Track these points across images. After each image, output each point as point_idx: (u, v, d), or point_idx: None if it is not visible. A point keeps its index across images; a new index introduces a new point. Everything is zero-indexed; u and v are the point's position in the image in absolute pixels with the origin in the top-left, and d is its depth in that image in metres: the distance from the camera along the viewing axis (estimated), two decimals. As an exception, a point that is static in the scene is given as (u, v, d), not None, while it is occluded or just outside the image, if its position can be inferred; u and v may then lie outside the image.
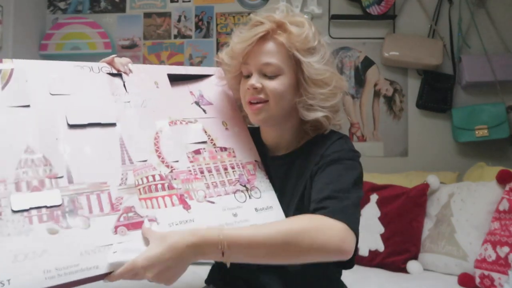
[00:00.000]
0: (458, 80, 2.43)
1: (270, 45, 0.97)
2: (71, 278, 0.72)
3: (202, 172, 0.93)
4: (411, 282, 1.67)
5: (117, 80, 0.95)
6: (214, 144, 0.99)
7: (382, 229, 1.90)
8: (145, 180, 0.86)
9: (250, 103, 0.99)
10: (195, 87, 1.07)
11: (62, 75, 0.92)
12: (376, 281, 1.68)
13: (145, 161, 0.88)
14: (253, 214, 0.93)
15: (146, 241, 0.80)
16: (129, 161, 0.87)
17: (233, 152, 1.01)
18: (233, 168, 0.98)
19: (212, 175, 0.94)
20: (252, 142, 1.07)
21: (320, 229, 0.80)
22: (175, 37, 2.64)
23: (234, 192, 0.95)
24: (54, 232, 0.74)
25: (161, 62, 2.63)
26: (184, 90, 1.05)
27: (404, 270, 1.82)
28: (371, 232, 1.90)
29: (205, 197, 0.90)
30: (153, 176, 0.87)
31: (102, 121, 0.88)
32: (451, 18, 2.46)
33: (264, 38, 0.97)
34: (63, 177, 0.79)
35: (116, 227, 0.79)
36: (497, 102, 2.35)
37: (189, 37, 2.63)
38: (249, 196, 0.96)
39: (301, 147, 1.04)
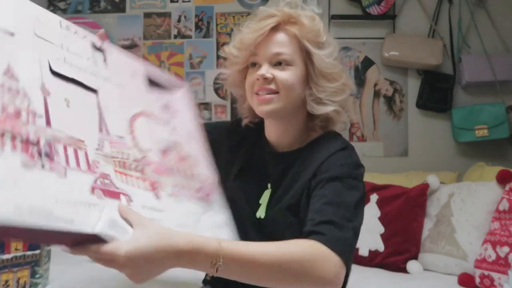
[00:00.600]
0: (458, 80, 2.44)
1: (281, 36, 0.96)
2: (43, 223, 0.60)
3: (170, 170, 0.91)
4: (411, 282, 1.67)
5: (98, 53, 0.92)
6: (181, 149, 0.96)
7: (382, 229, 1.90)
8: (120, 155, 0.81)
9: (258, 94, 0.96)
10: (165, 95, 1.05)
11: (48, 22, 0.82)
12: (376, 281, 1.68)
13: (122, 137, 0.84)
14: (208, 227, 0.90)
15: (128, 222, 0.71)
16: (106, 131, 0.81)
17: (196, 162, 0.99)
18: (195, 177, 0.96)
19: (179, 176, 0.92)
20: (211, 159, 1.02)
21: (318, 261, 0.76)
22: (175, 37, 2.64)
23: (196, 200, 0.92)
24: (28, 166, 0.63)
25: (161, 62, 2.63)
26: (155, 93, 1.03)
27: (404, 270, 1.82)
28: (371, 232, 1.90)
29: (173, 194, 0.88)
30: (128, 154, 0.83)
31: (85, 83, 0.82)
32: (451, 18, 2.46)
33: (275, 28, 0.96)
34: (42, 117, 0.69)
35: (93, 188, 0.71)
36: (497, 102, 2.35)
37: (189, 37, 2.63)
38: (208, 209, 0.93)
39: (304, 147, 1.01)
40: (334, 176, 0.89)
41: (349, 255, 0.81)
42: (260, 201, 1.02)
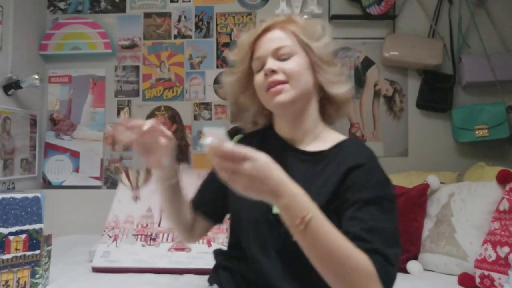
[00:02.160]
0: (458, 80, 2.44)
1: (278, 33, 1.01)
2: None
3: None
4: (411, 282, 1.67)
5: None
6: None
7: (382, 229, 1.90)
8: None
9: (270, 88, 0.97)
10: None
11: None
12: (376, 281, 1.67)
13: None
14: None
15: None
16: None
17: None
18: None
19: None
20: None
21: (370, 283, 0.78)
22: (175, 37, 2.64)
23: None
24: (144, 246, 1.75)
25: (161, 62, 2.63)
26: None
27: (404, 270, 1.82)
28: (371, 232, 1.90)
29: None
30: None
31: None
32: (451, 18, 2.46)
33: (270, 28, 1.01)
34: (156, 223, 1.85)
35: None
36: (497, 102, 2.35)
37: (189, 37, 2.63)
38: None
39: (330, 149, 1.00)
40: (374, 198, 0.89)
41: None
42: None
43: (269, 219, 0.97)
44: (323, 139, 1.03)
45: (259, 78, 1.01)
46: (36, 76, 2.28)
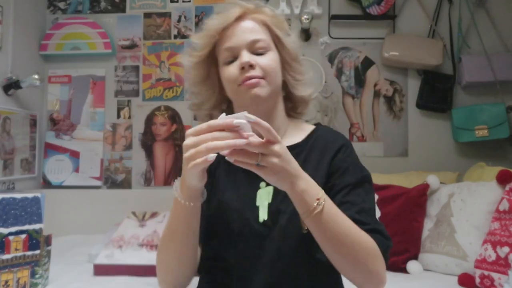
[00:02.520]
0: (458, 80, 2.44)
1: (250, 23, 0.95)
2: None
3: None
4: (411, 282, 1.67)
5: None
6: None
7: (382, 229, 1.90)
8: None
9: (245, 82, 0.90)
10: None
11: None
12: (376, 281, 1.67)
13: None
14: None
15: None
16: None
17: None
18: None
19: None
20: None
21: (379, 260, 0.83)
22: (175, 37, 2.64)
23: None
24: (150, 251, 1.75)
25: (161, 62, 2.63)
26: None
27: (404, 270, 1.82)
28: (371, 232, 1.90)
29: None
30: None
31: None
32: (451, 18, 2.46)
33: (241, 17, 0.95)
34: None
35: None
36: (497, 102, 2.35)
37: (189, 37, 2.63)
38: None
39: (303, 141, 0.98)
40: (359, 181, 0.92)
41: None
42: (257, 203, 0.93)
43: (255, 227, 0.91)
44: (292, 133, 1.01)
45: (230, 71, 0.93)
46: (36, 76, 2.28)
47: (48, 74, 2.65)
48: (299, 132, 1.01)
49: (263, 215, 0.92)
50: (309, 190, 0.76)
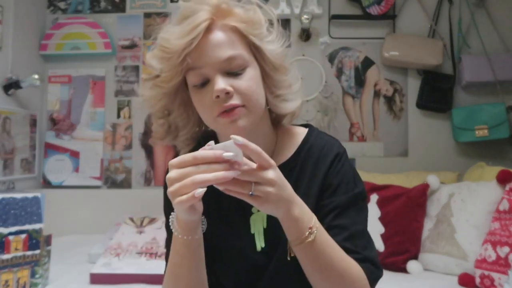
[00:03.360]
0: (458, 80, 2.44)
1: (220, 35, 0.76)
2: None
3: None
4: (411, 282, 1.67)
5: None
6: None
7: (382, 229, 1.90)
8: None
9: (223, 112, 0.76)
10: None
11: None
12: (376, 281, 1.67)
13: None
14: None
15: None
16: None
17: None
18: None
19: None
20: None
21: None
22: (175, 37, 2.64)
23: None
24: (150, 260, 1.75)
25: (161, 62, 2.62)
26: None
27: (404, 270, 1.82)
28: (371, 232, 1.87)
29: None
30: None
31: None
32: (451, 18, 2.46)
33: (209, 28, 0.76)
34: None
35: None
36: (497, 102, 2.35)
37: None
38: None
39: (293, 157, 0.88)
40: (351, 200, 0.84)
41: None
42: (252, 231, 0.86)
43: (253, 256, 0.85)
44: (282, 145, 0.89)
45: (204, 99, 0.77)
46: (36, 76, 2.28)
47: (48, 74, 2.65)
48: (289, 142, 0.90)
49: (260, 243, 0.85)
50: (303, 217, 0.71)
